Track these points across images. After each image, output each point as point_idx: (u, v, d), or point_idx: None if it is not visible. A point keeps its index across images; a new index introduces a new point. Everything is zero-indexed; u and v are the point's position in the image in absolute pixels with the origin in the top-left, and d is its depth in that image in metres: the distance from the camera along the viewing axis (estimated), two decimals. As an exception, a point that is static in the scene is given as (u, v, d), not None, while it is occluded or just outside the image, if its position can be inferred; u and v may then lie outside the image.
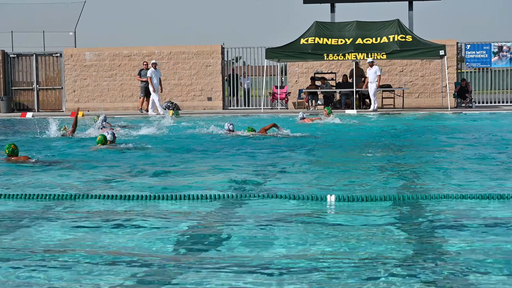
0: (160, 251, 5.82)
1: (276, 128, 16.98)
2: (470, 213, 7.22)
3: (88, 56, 30.49)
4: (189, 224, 6.86)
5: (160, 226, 6.79)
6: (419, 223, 6.78)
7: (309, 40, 26.71)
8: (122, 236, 6.35)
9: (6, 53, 31.09)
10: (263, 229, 6.56)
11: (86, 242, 6.16)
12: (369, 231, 6.43)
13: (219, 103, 30.02)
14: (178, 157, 12.85)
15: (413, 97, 29.54)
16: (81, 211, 7.59)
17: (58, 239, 6.28)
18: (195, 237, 6.34)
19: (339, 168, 11.26)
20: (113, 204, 7.95)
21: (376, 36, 26.45)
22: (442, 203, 7.72)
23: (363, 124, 21.06)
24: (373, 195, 7.98)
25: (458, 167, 10.95)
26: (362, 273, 5.07)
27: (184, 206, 7.78)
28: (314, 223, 6.89)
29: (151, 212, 7.48)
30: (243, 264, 5.36)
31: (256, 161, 12.07)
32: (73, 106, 30.23)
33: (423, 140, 16.09)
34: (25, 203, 8.04)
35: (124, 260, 5.51)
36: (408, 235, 6.28)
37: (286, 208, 7.58)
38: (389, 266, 5.24)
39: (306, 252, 5.72)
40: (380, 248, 5.78)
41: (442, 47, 25.88)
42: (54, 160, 12.28)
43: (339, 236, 6.24)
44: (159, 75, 27.44)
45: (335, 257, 5.51)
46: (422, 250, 5.74)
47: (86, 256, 5.61)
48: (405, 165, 11.68)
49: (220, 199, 8.10)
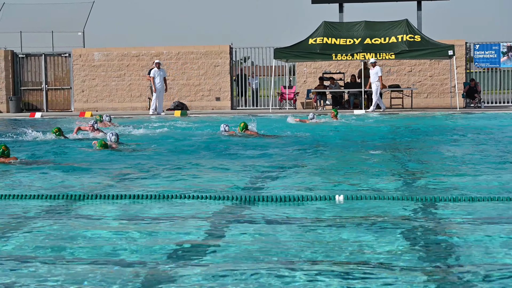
0: (162, 253, 5.81)
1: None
2: (481, 215, 7.19)
3: (97, 56, 30.53)
4: (194, 225, 6.85)
5: (161, 229, 6.79)
6: (428, 224, 6.76)
7: (318, 40, 26.68)
8: (123, 239, 6.35)
9: (15, 53, 31.16)
10: (271, 230, 6.55)
11: (81, 245, 6.16)
12: (378, 231, 6.41)
13: (228, 103, 30.02)
14: (173, 158, 12.77)
15: (421, 97, 29.47)
16: (76, 213, 7.59)
17: (57, 240, 6.29)
18: (199, 239, 6.33)
19: (345, 167, 11.24)
20: (113, 204, 7.95)
21: (384, 36, 26.40)
22: (452, 205, 7.69)
23: (358, 124, 20.99)
24: (382, 195, 7.96)
25: (466, 168, 10.91)
26: (374, 274, 5.06)
27: (187, 206, 7.78)
28: (322, 224, 6.87)
29: (159, 212, 7.48)
30: (246, 267, 5.35)
31: (260, 162, 12.04)
32: (82, 106, 30.30)
33: (427, 139, 16.04)
34: (14, 203, 8.04)
35: (125, 262, 5.51)
36: (417, 236, 6.27)
37: (296, 209, 7.57)
38: (396, 268, 5.23)
39: (314, 253, 5.71)
40: (390, 248, 5.76)
41: (451, 47, 25.81)
42: (44, 160, 12.19)
43: (345, 237, 6.23)
44: (164, 75, 27.14)
45: (343, 259, 5.50)
46: (431, 251, 5.72)
47: (83, 259, 5.61)
48: (411, 164, 11.65)
49: (228, 200, 8.09)
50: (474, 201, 7.77)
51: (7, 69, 30.70)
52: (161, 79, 26.96)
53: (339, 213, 7.34)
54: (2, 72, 30.63)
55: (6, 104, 30.56)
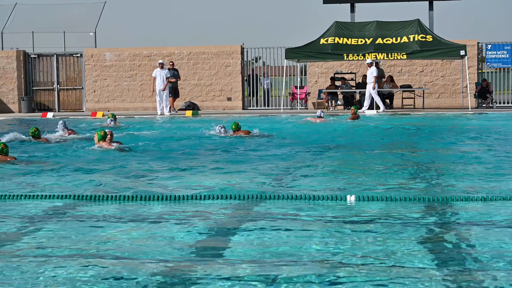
0: (173, 253, 5.81)
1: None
2: (495, 215, 7.16)
3: (108, 56, 30.59)
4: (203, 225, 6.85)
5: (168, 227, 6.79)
6: (440, 224, 6.74)
7: (329, 40, 26.64)
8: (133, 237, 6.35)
9: (27, 54, 31.26)
10: (280, 230, 6.54)
11: (84, 243, 6.17)
12: (390, 231, 6.40)
13: (239, 103, 30.02)
14: (171, 158, 12.75)
15: (433, 97, 29.39)
16: (75, 213, 7.61)
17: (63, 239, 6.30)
18: (210, 238, 6.33)
19: (356, 168, 11.22)
20: (112, 204, 7.95)
21: (396, 36, 26.34)
22: (465, 205, 7.67)
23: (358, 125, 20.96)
24: (394, 195, 7.94)
25: (475, 168, 10.87)
26: (385, 274, 5.05)
27: (189, 206, 7.78)
28: (335, 224, 6.86)
29: (169, 212, 7.49)
30: (255, 266, 5.34)
31: (264, 162, 12.03)
32: (94, 106, 30.36)
33: (441, 140, 16.00)
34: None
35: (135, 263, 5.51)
36: (429, 236, 6.24)
37: (305, 209, 7.56)
38: (408, 269, 5.21)
39: (325, 254, 5.70)
40: (402, 248, 5.74)
41: (463, 47, 25.72)
42: (43, 161, 12.18)
43: (357, 237, 6.21)
44: (167, 75, 26.93)
45: (353, 260, 5.48)
46: (445, 252, 5.70)
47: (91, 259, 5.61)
48: (420, 164, 11.62)
49: (237, 199, 8.08)
50: (487, 201, 7.73)
51: (19, 69, 30.80)
52: (163, 79, 26.87)
53: (350, 214, 7.32)
54: (14, 72, 30.73)
55: (18, 104, 30.66)
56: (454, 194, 8.26)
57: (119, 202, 8.01)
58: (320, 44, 26.65)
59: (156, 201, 7.97)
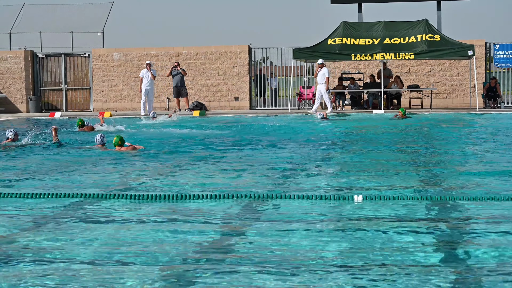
0: (177, 252, 5.81)
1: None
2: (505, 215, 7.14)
3: (116, 56, 30.63)
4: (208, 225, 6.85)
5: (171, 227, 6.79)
6: (449, 224, 6.72)
7: (337, 40, 26.63)
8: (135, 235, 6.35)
9: (35, 54, 31.32)
10: (289, 230, 6.53)
11: (86, 243, 6.18)
12: (396, 231, 6.38)
13: (246, 103, 30.02)
14: (174, 158, 12.79)
15: (441, 97, 29.34)
16: (76, 213, 7.61)
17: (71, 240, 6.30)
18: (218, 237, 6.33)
19: (365, 167, 11.21)
20: (111, 204, 7.95)
21: (404, 36, 26.31)
22: (473, 205, 7.65)
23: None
24: (401, 195, 7.92)
25: (484, 167, 10.84)
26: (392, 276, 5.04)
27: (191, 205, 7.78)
28: (341, 224, 6.85)
29: (172, 210, 7.49)
30: (260, 265, 5.34)
31: (281, 161, 12.03)
32: (101, 106, 30.41)
33: (449, 140, 15.97)
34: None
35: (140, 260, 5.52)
36: (437, 236, 6.23)
37: (312, 209, 7.55)
38: (418, 268, 5.20)
39: (329, 253, 5.69)
40: (409, 248, 5.73)
41: (471, 47, 25.67)
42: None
43: (362, 238, 6.20)
44: (155, 74, 27.12)
45: (358, 260, 5.48)
46: (450, 254, 5.69)
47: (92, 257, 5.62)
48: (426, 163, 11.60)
49: (244, 199, 8.08)
50: (495, 200, 7.71)
51: (27, 69, 30.87)
52: (149, 79, 26.91)
53: (358, 213, 7.31)
54: (22, 72, 30.81)
55: (26, 104, 30.74)
56: (463, 194, 8.24)
57: (131, 200, 8.02)
58: (328, 45, 26.65)
59: (158, 200, 7.98)
